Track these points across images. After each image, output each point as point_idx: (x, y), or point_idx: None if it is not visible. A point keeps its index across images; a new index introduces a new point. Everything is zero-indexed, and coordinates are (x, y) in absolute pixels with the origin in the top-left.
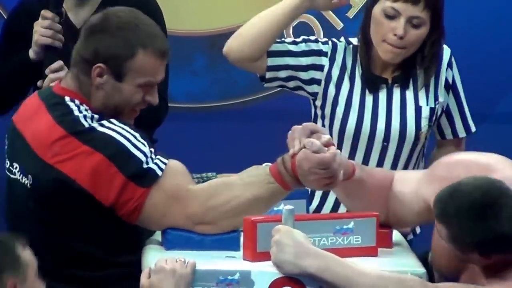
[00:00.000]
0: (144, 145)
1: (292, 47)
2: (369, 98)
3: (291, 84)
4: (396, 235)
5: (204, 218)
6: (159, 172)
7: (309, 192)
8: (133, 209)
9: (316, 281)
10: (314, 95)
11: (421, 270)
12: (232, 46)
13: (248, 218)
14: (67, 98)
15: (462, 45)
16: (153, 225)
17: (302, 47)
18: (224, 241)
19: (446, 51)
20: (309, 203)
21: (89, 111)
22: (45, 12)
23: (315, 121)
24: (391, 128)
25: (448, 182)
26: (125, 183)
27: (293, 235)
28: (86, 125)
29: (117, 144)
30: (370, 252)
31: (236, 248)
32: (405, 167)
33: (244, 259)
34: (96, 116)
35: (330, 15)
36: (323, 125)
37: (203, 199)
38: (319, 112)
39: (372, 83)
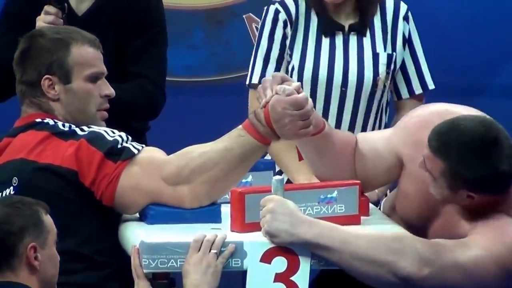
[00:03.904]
0: (120, 134)
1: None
2: (325, 43)
3: None
4: None
5: (179, 177)
6: (135, 151)
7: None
8: (110, 182)
9: (312, 248)
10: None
11: (403, 231)
12: None
13: (236, 190)
14: (37, 119)
15: (460, 19)
16: (129, 198)
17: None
18: (205, 213)
19: (403, 5)
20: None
21: (61, 122)
22: (48, 8)
23: None
24: (349, 72)
25: (425, 131)
26: (102, 160)
27: (286, 204)
28: (67, 128)
29: (95, 132)
30: (353, 220)
31: (218, 220)
32: (365, 118)
33: (232, 231)
34: (70, 124)
35: None
36: None
37: (176, 160)
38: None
39: (327, 28)
